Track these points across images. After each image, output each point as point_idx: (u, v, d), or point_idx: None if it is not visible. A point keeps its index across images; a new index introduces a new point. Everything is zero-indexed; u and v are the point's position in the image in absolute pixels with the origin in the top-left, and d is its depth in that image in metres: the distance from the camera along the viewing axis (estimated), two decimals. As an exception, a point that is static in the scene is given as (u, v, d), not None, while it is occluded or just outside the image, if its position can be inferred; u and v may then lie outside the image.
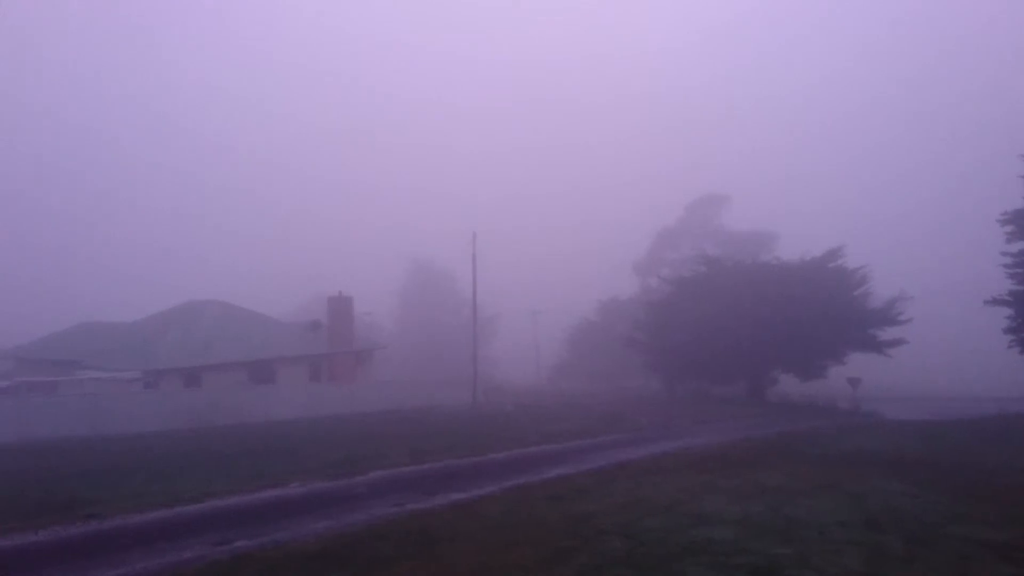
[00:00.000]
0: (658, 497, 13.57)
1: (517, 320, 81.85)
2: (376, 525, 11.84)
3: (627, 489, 14.61)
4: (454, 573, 8.93)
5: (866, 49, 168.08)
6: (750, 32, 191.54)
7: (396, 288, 78.84)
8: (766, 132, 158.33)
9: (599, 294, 74.79)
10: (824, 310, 44.49)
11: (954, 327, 78.30)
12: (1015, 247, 34.91)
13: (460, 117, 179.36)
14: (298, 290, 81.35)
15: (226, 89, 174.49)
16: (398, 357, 65.29)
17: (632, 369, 63.02)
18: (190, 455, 22.13)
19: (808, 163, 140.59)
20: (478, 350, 45.34)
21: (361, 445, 23.68)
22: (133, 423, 30.68)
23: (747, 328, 45.81)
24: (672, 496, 13.63)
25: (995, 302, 35.27)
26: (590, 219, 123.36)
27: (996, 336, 36.76)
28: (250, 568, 9.48)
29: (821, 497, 13.50)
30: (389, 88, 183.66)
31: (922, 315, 47.22)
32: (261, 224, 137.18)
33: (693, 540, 10.16)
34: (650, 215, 79.52)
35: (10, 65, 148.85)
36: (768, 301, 45.32)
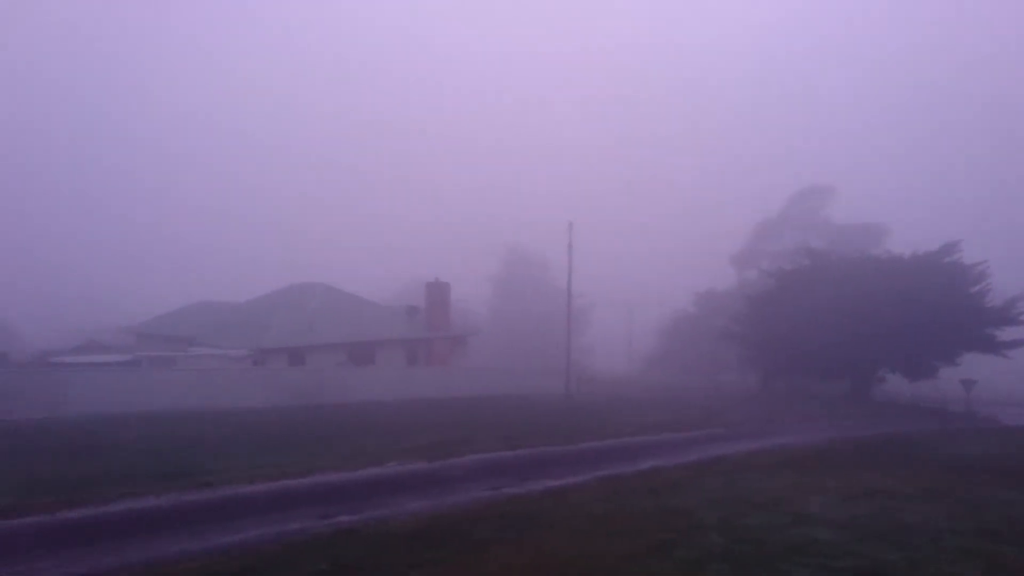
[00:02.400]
0: (757, 494, 13.27)
1: (611, 311, 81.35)
2: (473, 508, 12.06)
3: (724, 485, 14.35)
4: (551, 559, 9.00)
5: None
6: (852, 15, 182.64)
7: (491, 276, 79.63)
8: (881, 122, 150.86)
9: (694, 286, 73.42)
10: (937, 307, 42.19)
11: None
12: None
13: (558, 109, 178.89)
14: (397, 275, 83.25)
15: (345, 79, 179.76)
16: (491, 344, 66.01)
17: (728, 363, 61.62)
18: (294, 431, 23.08)
19: (925, 155, 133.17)
20: (572, 339, 45.32)
21: (456, 429, 24.12)
22: (242, 398, 32.21)
23: (852, 324, 43.95)
24: (772, 494, 13.30)
25: None
26: (686, 210, 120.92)
27: None
28: (352, 543, 9.82)
29: (932, 503, 12.89)
30: (485, 83, 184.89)
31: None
32: (364, 210, 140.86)
33: (795, 540, 9.90)
34: (748, 206, 77.34)
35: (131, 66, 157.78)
36: (876, 296, 43.32)
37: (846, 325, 44.33)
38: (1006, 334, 42.73)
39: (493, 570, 8.58)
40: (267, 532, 10.57)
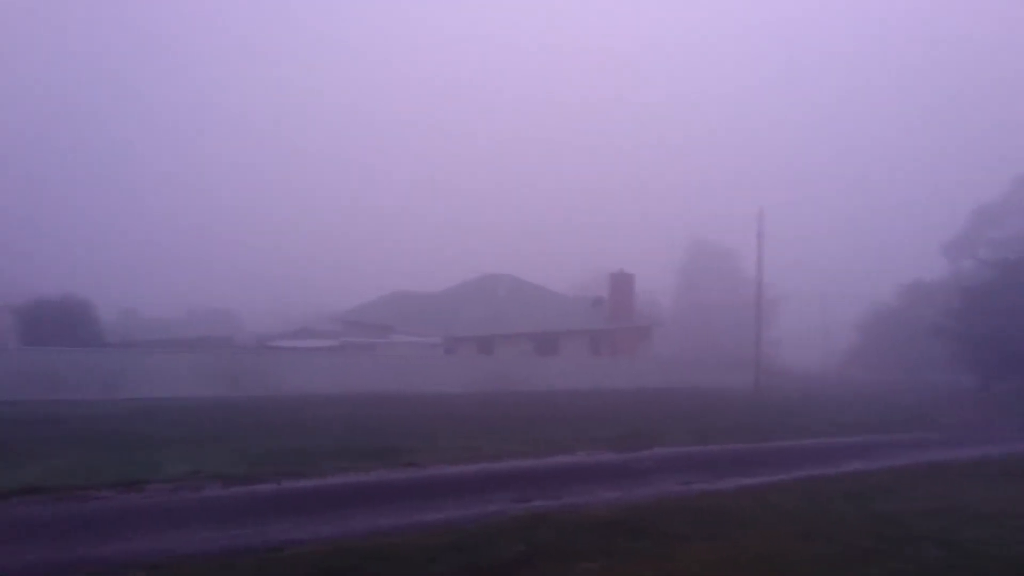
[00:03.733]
0: (978, 505, 12.15)
1: (803, 303, 77.07)
2: (665, 501, 12.00)
3: (938, 493, 13.27)
4: (747, 558, 8.79)
5: None
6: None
7: (676, 266, 78.12)
8: None
9: (896, 276, 67.90)
10: None
11: None
12: None
13: (747, 95, 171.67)
14: (580, 265, 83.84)
15: (528, 72, 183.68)
16: (675, 336, 64.86)
17: (937, 361, 56.35)
18: (486, 417, 24.01)
19: None
20: (761, 332, 43.56)
21: (643, 421, 24.02)
22: (435, 384, 33.91)
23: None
24: (997, 505, 12.13)
25: None
26: (886, 197, 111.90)
27: None
28: (547, 527, 10.10)
29: None
30: (670, 71, 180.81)
31: None
32: (551, 202, 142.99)
33: (1028, 559, 9.00)
34: (960, 191, 70.17)
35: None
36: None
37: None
38: None
39: (687, 564, 8.51)
40: (467, 512, 11.11)
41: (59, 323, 34.02)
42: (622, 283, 46.61)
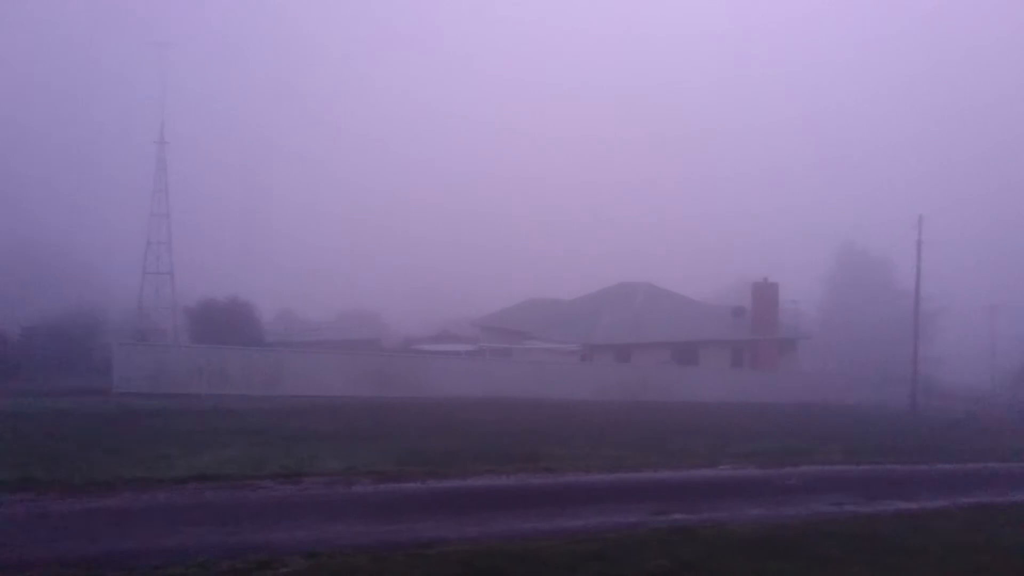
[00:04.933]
0: None
1: (968, 316, 71.28)
2: (815, 521, 11.48)
3: None
4: (909, 588, 8.28)
5: None
6: None
7: (824, 276, 74.36)
8: None
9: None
10: None
11: None
12: None
13: (891, 97, 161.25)
14: (720, 274, 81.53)
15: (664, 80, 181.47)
16: (823, 349, 61.75)
17: None
18: (623, 426, 23.86)
19: None
20: (919, 348, 40.77)
21: (788, 436, 23.09)
22: (569, 390, 34.02)
23: None
24: None
25: None
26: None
27: None
28: (690, 542, 9.91)
29: None
30: (820, 75, 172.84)
31: None
32: (687, 207, 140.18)
33: None
34: None
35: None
36: None
37: None
38: None
39: (842, 591, 8.12)
40: (607, 521, 11.08)
41: (225, 323, 36.81)
42: (765, 292, 44.99)
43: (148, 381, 28.63)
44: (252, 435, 18.28)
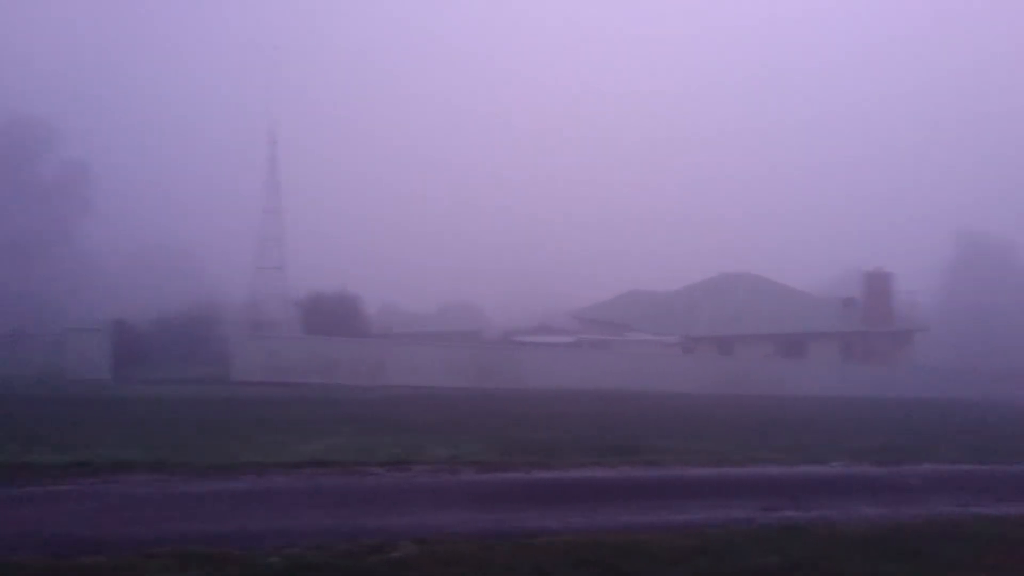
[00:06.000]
0: None
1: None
2: (936, 523, 10.92)
3: None
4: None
5: None
6: None
7: (940, 263, 70.27)
8: None
9: None
10: None
11: None
12: None
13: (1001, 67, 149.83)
14: (828, 263, 78.38)
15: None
16: (941, 342, 58.48)
17: None
18: (726, 419, 23.37)
19: None
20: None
21: (906, 433, 22.03)
22: (672, 383, 33.55)
23: None
24: None
25: None
26: None
27: None
28: (800, 540, 9.63)
29: None
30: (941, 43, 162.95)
31: None
32: (791, 192, 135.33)
33: None
34: None
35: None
36: None
37: None
38: None
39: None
40: (711, 516, 10.91)
41: (333, 315, 38.20)
42: (879, 282, 43.04)
43: (262, 371, 30.10)
44: (359, 423, 18.95)
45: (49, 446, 14.25)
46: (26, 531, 8.77)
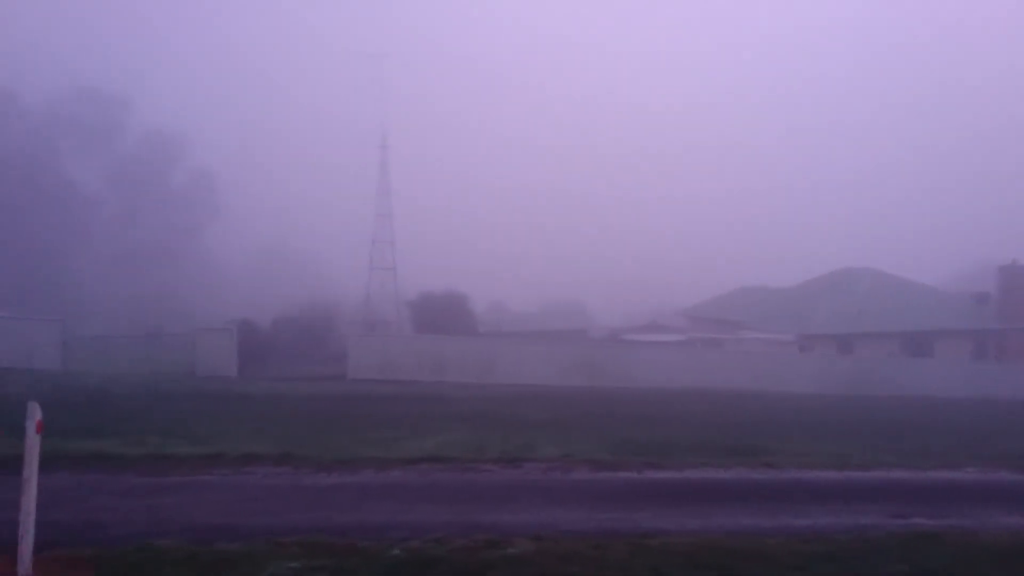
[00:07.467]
0: None
1: None
2: (1088, 535, 10.15)
3: None
4: None
5: None
6: None
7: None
8: None
9: None
10: None
11: None
12: None
13: None
14: (958, 257, 73.69)
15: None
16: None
17: None
18: (847, 421, 22.42)
19: None
20: None
21: (1047, 438, 20.50)
22: (787, 383, 32.41)
23: None
24: None
25: None
26: None
27: None
28: (933, 549, 9.15)
29: None
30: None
31: None
32: (915, 182, 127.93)
33: None
34: None
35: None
36: None
37: None
38: None
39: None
40: (836, 521, 10.50)
41: (443, 314, 39.03)
42: (1015, 277, 40.14)
43: (377, 368, 31.09)
44: (470, 421, 19.28)
45: (186, 439, 15.23)
46: (169, 518, 9.42)
